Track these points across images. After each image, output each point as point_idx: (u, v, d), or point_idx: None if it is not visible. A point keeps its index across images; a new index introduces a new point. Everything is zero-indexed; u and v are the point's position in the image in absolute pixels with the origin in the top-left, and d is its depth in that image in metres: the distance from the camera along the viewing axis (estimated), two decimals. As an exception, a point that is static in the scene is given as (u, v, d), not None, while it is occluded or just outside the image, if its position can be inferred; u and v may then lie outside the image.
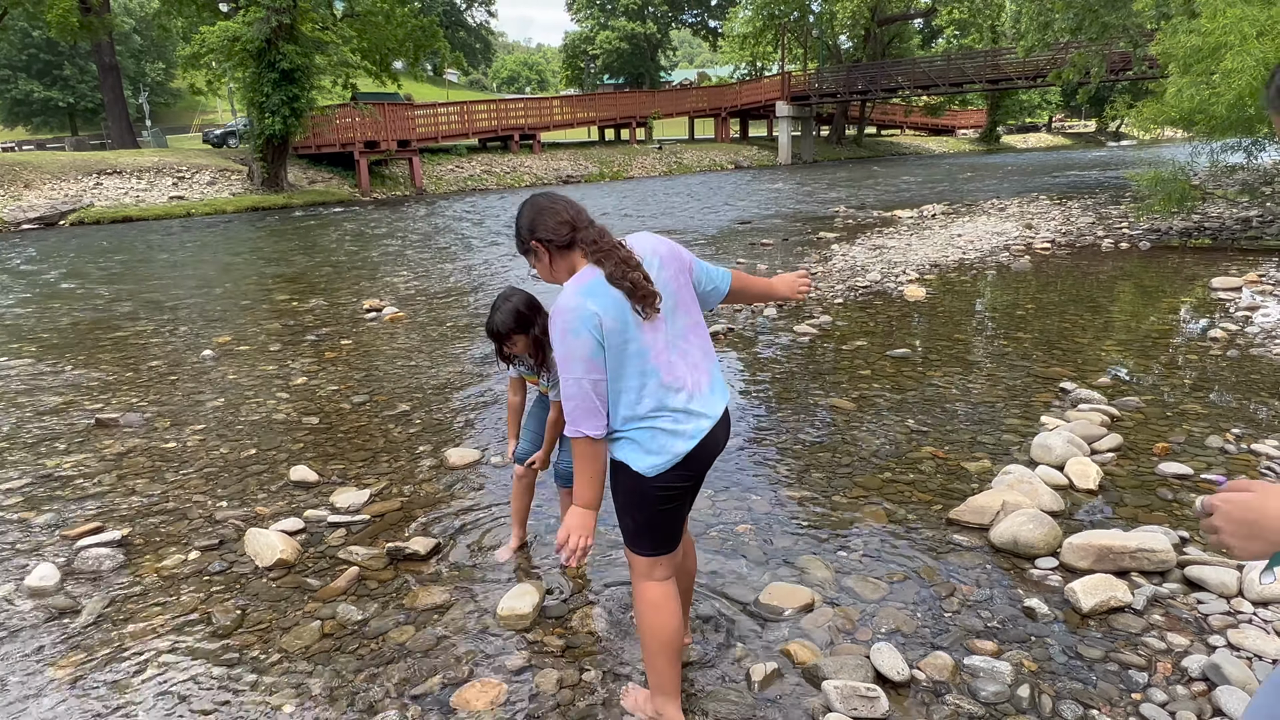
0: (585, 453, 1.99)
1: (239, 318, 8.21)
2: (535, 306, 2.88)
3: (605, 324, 1.92)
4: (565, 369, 1.95)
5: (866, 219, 14.94)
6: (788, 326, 6.94)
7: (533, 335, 2.85)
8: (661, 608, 2.14)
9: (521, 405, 3.13)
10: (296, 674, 2.55)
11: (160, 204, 20.59)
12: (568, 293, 1.97)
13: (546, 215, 2.04)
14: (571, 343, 1.93)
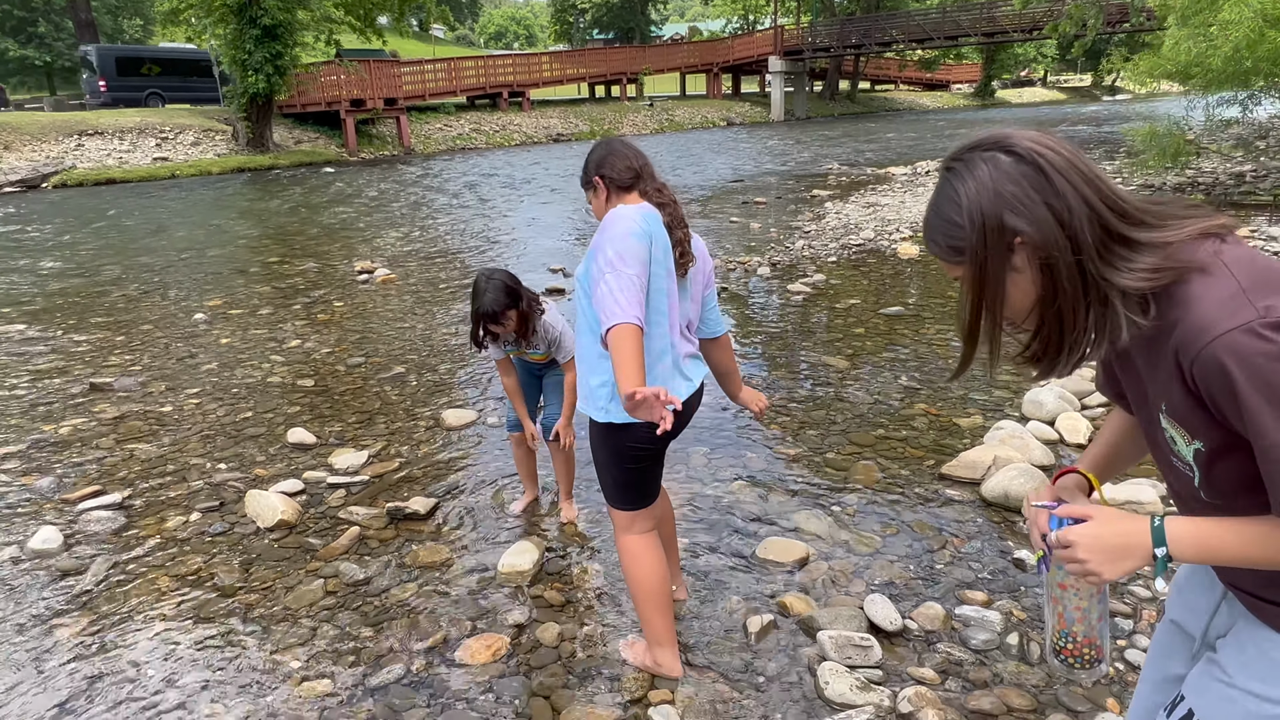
0: (630, 339, 1.84)
1: (229, 281, 8.16)
2: (517, 280, 2.89)
3: (655, 253, 2.04)
4: (621, 262, 1.92)
5: (860, 176, 14.85)
6: (781, 286, 6.94)
7: (521, 308, 2.85)
8: (642, 557, 2.23)
9: (517, 385, 3.13)
10: (301, 630, 2.59)
11: (144, 166, 20.25)
12: (628, 210, 2.06)
13: (616, 157, 2.16)
14: (632, 244, 1.98)
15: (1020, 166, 0.96)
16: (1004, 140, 0.98)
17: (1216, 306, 0.90)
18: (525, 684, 2.31)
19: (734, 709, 2.18)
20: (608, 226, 2.03)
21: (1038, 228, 0.95)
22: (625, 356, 1.84)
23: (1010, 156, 0.97)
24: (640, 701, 2.22)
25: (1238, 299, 0.89)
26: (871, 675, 2.26)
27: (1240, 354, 0.87)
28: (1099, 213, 0.95)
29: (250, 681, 2.36)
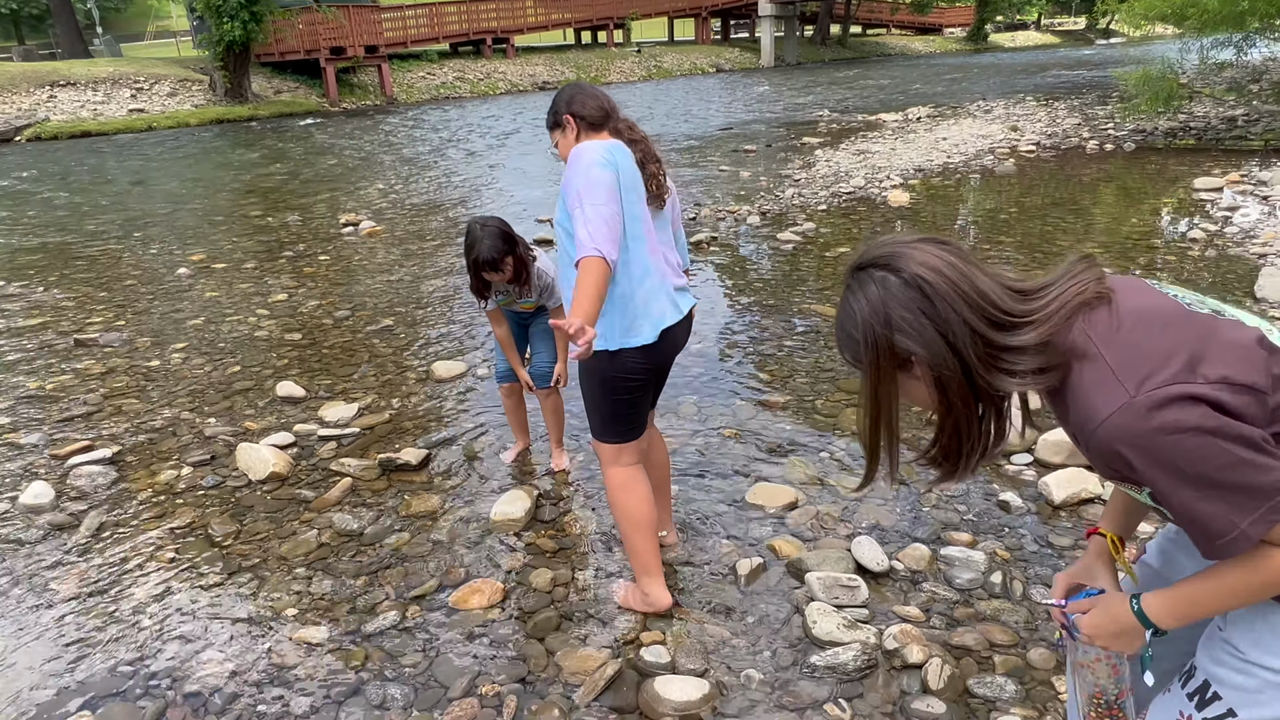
0: (596, 271, 1.87)
1: (212, 235, 8.04)
2: (510, 227, 2.86)
3: (623, 180, 2.06)
4: (589, 196, 1.96)
5: (851, 123, 14.66)
6: (771, 235, 6.90)
7: (519, 253, 2.83)
8: (629, 488, 2.27)
9: (509, 335, 3.11)
10: (296, 580, 2.62)
11: (120, 118, 19.77)
12: (593, 142, 2.10)
13: (586, 97, 2.21)
14: (597, 173, 2.00)
15: (907, 291, 1.01)
16: (893, 261, 1.03)
17: (1094, 394, 0.96)
18: (519, 628, 2.35)
19: (724, 648, 2.23)
20: (573, 162, 2.06)
21: (927, 349, 1.01)
22: (583, 288, 1.89)
23: (898, 279, 1.02)
24: (633, 643, 2.26)
25: (1110, 384, 0.95)
26: (858, 614, 2.31)
27: (1123, 438, 0.94)
28: (979, 331, 1.00)
29: (246, 630, 2.39)
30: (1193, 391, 0.92)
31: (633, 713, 2.03)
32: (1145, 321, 0.98)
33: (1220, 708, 1.06)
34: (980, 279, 1.01)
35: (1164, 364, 0.94)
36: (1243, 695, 1.04)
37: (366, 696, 2.11)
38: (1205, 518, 0.94)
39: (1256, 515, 0.92)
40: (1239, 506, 0.92)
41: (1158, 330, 0.98)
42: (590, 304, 1.88)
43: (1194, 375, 0.93)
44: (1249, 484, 0.91)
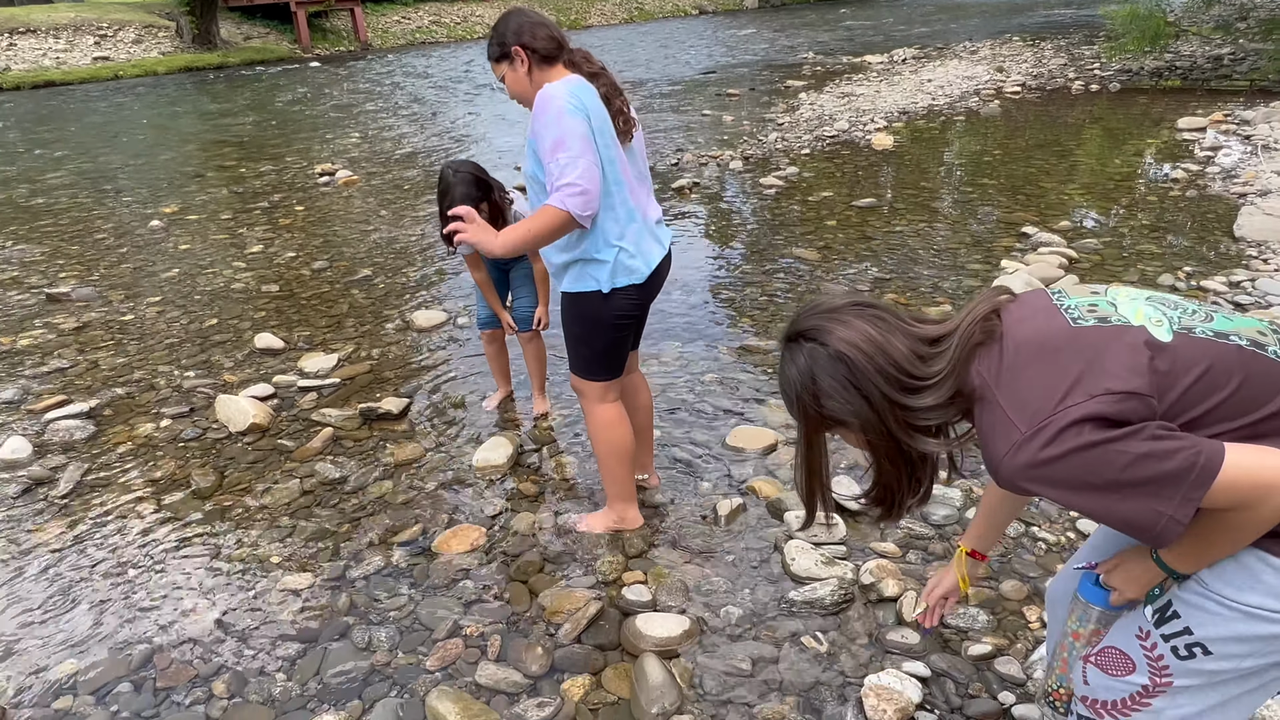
0: (552, 223, 1.91)
1: (185, 186, 7.86)
2: (485, 171, 2.81)
3: (594, 124, 1.98)
4: (562, 148, 1.90)
5: (835, 66, 14.41)
6: (754, 180, 6.83)
7: (493, 199, 2.78)
8: (618, 424, 2.32)
9: (488, 278, 3.08)
10: (280, 529, 2.63)
11: (84, 66, 19.13)
12: (557, 86, 1.98)
13: (536, 26, 2.07)
14: (568, 122, 1.92)
15: (833, 364, 1.10)
16: (819, 335, 1.12)
17: (993, 436, 1.04)
18: (502, 571, 2.38)
19: (704, 586, 2.27)
20: (539, 112, 1.95)
21: (854, 417, 1.12)
22: (530, 227, 1.92)
23: (824, 351, 1.11)
24: (615, 582, 2.30)
25: (1004, 424, 1.02)
26: (835, 551, 2.35)
27: (1024, 474, 1.01)
28: (894, 399, 1.09)
29: (231, 578, 2.41)
30: (1076, 416, 0.97)
31: (615, 649, 2.07)
32: (1030, 354, 1.04)
33: (1178, 625, 1.11)
34: (894, 346, 1.09)
35: (1049, 395, 0.99)
36: (1199, 615, 1.09)
37: (352, 640, 2.14)
38: (1130, 516, 0.99)
39: (1178, 499, 0.96)
40: (1157, 496, 0.96)
41: (1043, 360, 1.03)
42: (521, 240, 1.94)
43: (1077, 397, 0.98)
44: (1157, 474, 0.96)
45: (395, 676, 2.02)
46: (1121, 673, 1.18)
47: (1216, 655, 1.09)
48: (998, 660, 1.96)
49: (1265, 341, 1.06)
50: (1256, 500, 0.97)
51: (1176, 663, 1.12)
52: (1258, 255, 4.44)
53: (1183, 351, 1.02)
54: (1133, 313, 1.07)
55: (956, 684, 1.90)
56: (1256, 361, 1.03)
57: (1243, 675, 1.10)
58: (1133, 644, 1.16)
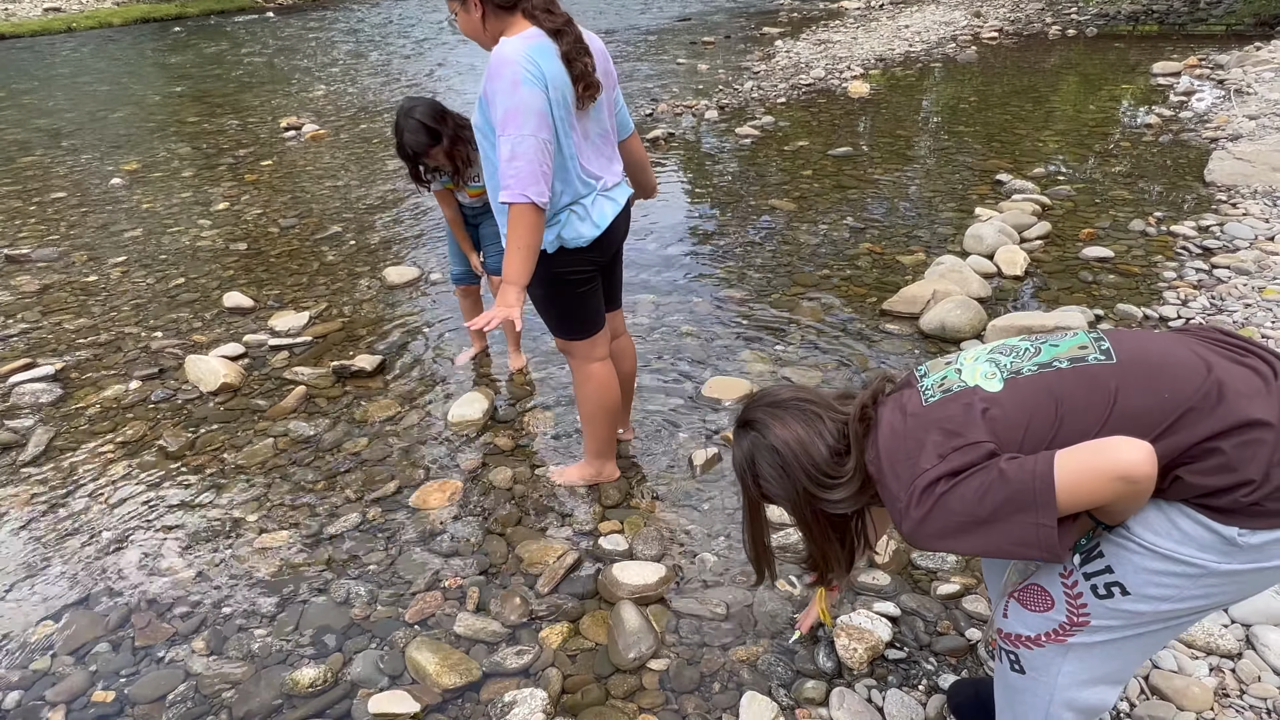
0: (525, 221, 1.86)
1: (145, 142, 7.63)
2: (441, 113, 2.74)
3: (552, 95, 1.87)
4: (514, 123, 1.80)
5: (812, 11, 14.17)
6: (729, 129, 6.74)
7: (444, 145, 2.72)
8: (609, 384, 2.30)
9: (459, 216, 3.04)
10: (255, 487, 2.62)
11: (34, 18, 18.36)
12: (514, 46, 1.84)
13: None
14: (524, 94, 1.80)
15: (769, 454, 1.31)
16: (761, 429, 1.32)
17: (893, 510, 1.18)
18: (480, 524, 2.39)
19: (679, 535, 2.30)
20: (493, 75, 1.83)
21: (784, 498, 1.33)
22: (514, 243, 1.88)
23: (764, 440, 1.31)
24: (591, 533, 2.32)
25: (892, 498, 1.17)
26: (809, 497, 2.38)
27: (915, 535, 1.14)
28: (814, 493, 1.29)
29: (207, 537, 2.40)
30: (931, 477, 1.11)
31: (592, 597, 2.10)
32: (897, 435, 1.19)
33: (1100, 564, 1.17)
34: (817, 448, 1.28)
35: (911, 465, 1.14)
36: (1121, 554, 1.15)
37: (331, 595, 2.15)
38: (1012, 540, 1.08)
39: (1036, 507, 1.05)
40: (1020, 512, 1.06)
41: (906, 437, 1.17)
42: (523, 261, 1.89)
43: (929, 461, 1.12)
44: (1005, 496, 1.06)
45: (375, 629, 2.03)
46: (1040, 609, 1.24)
47: (1134, 596, 1.15)
48: (965, 599, 2.01)
49: (1085, 354, 1.17)
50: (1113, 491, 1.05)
51: (1095, 601, 1.18)
52: (1227, 200, 4.47)
53: (1012, 396, 1.16)
54: (971, 375, 1.21)
55: (925, 622, 1.95)
56: (1077, 376, 1.14)
57: (1152, 619, 1.16)
58: (1054, 582, 1.22)
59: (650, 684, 1.85)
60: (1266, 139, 5.32)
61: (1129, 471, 1.03)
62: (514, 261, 1.90)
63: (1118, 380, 1.11)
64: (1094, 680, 1.24)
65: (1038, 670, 1.27)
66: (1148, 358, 1.14)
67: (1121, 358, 1.14)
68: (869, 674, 1.82)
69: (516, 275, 1.90)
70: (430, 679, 1.86)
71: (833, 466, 1.27)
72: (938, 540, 1.13)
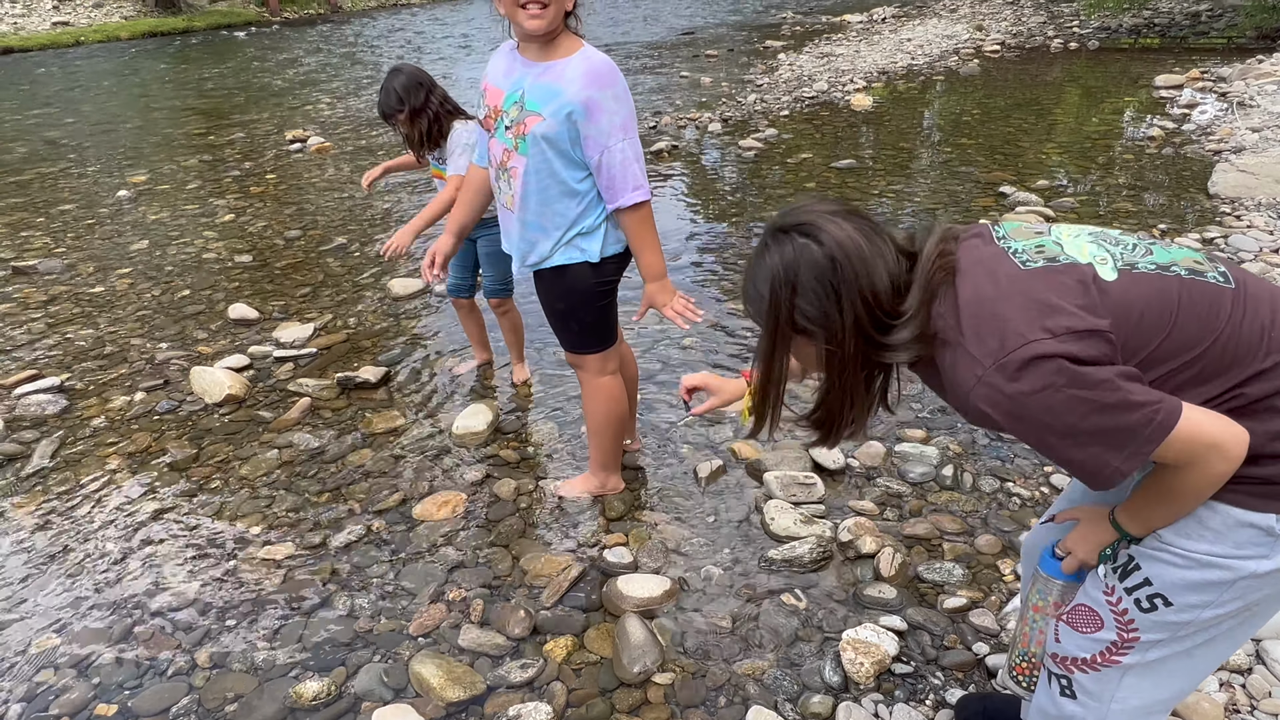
0: (648, 217, 2.03)
1: (153, 155, 7.67)
2: (417, 84, 2.76)
3: None
4: (632, 127, 1.95)
5: (815, 25, 14.24)
6: (733, 142, 6.77)
7: (404, 113, 2.74)
8: (619, 397, 2.31)
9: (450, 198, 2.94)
10: (260, 499, 2.62)
11: (44, 32, 18.52)
12: (605, 58, 1.96)
13: None
14: (629, 102, 1.96)
15: (821, 262, 1.04)
16: (813, 231, 1.06)
17: (956, 373, 1.03)
18: (484, 536, 2.39)
19: (685, 547, 2.29)
20: (608, 81, 1.90)
21: (824, 325, 1.06)
22: (651, 240, 2.04)
23: (817, 247, 1.05)
24: (596, 545, 2.31)
25: (965, 359, 1.01)
26: (814, 510, 2.37)
27: (988, 408, 1.00)
28: (864, 327, 1.06)
29: (211, 549, 2.40)
30: (1040, 351, 0.95)
31: (596, 610, 2.09)
32: (987, 296, 1.02)
33: (1139, 576, 1.14)
34: (879, 272, 1.05)
35: (1011, 333, 0.97)
36: (1157, 566, 1.12)
37: (335, 607, 2.14)
38: (1080, 463, 1.01)
39: (1127, 452, 0.98)
40: (1109, 448, 0.98)
41: (1000, 301, 1.01)
42: (661, 254, 2.08)
43: (1039, 333, 0.96)
44: (1115, 427, 0.96)
45: (378, 642, 2.03)
46: (1090, 629, 1.20)
47: (1177, 606, 1.11)
48: (973, 612, 2.00)
49: (1203, 270, 1.07)
50: (1200, 458, 0.99)
51: (1140, 615, 1.14)
52: (1231, 212, 4.47)
53: (1128, 289, 1.02)
54: (1076, 251, 1.06)
55: (932, 636, 1.94)
56: (1197, 289, 1.04)
57: (1203, 626, 1.12)
58: (1100, 600, 1.19)
59: (655, 698, 1.84)
60: (1270, 151, 5.33)
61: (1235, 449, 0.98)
62: (659, 258, 2.09)
63: (1233, 305, 1.03)
64: (1145, 709, 1.21)
65: (1091, 694, 1.22)
66: (1260, 292, 1.06)
67: (1238, 283, 1.05)
68: (875, 689, 1.81)
69: (663, 268, 2.09)
70: (434, 693, 1.85)
71: (893, 301, 1.06)
72: (1009, 419, 1.00)
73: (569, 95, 1.87)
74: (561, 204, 2.01)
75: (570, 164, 1.96)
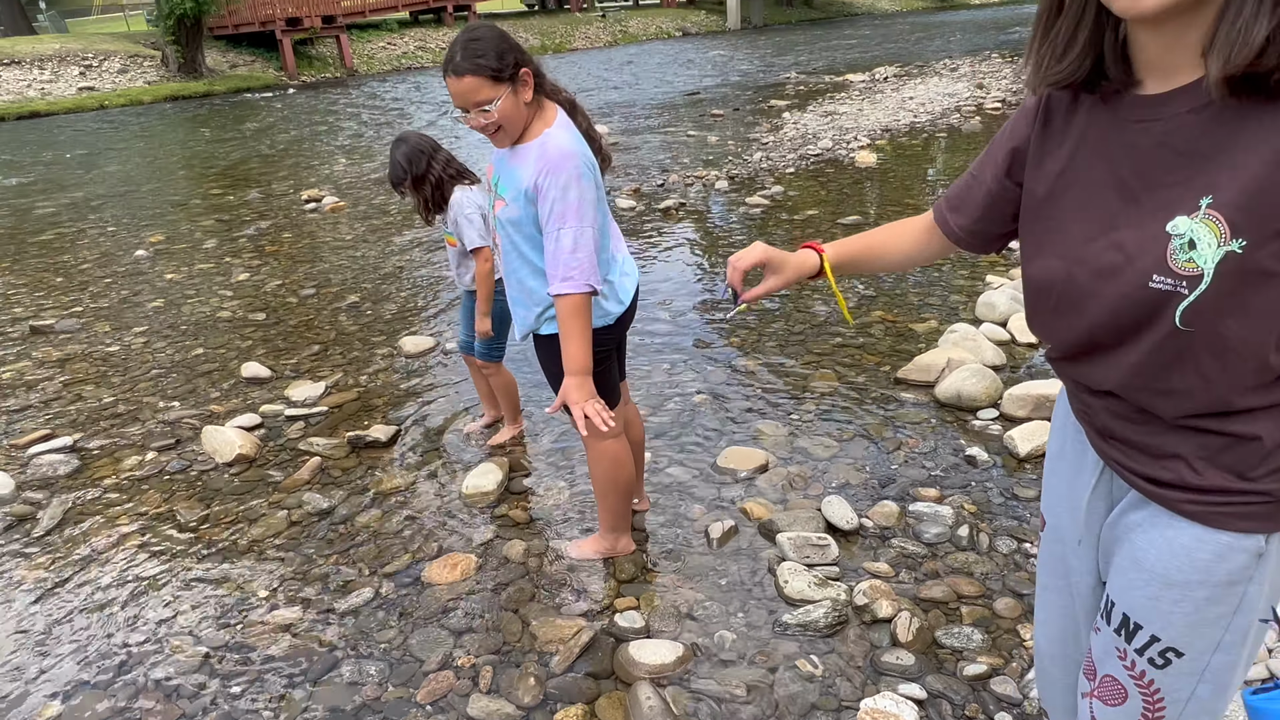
0: (585, 310, 1.91)
1: (170, 215, 7.84)
2: (422, 149, 2.81)
3: (596, 180, 1.95)
4: (578, 215, 1.86)
5: (818, 84, 14.57)
6: (739, 199, 6.87)
7: (412, 181, 2.81)
8: (624, 461, 2.29)
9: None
10: (268, 561, 2.60)
11: (69, 97, 19.13)
12: (567, 139, 1.89)
13: (521, 48, 1.91)
14: (585, 187, 1.87)
15: None
16: None
17: None
18: (493, 600, 2.35)
19: (698, 611, 2.25)
20: (555, 168, 1.85)
21: None
22: (578, 332, 1.90)
23: None
24: (607, 609, 2.28)
25: None
26: (829, 572, 2.33)
27: None
28: None
29: (218, 613, 2.37)
30: None
31: (608, 677, 2.05)
32: None
33: (1144, 635, 1.05)
34: None
35: None
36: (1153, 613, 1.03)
37: (342, 674, 2.11)
38: None
39: None
40: None
41: None
42: (587, 347, 1.92)
43: None
44: None
45: (386, 711, 1.98)
46: (1117, 701, 1.10)
47: (1189, 656, 1.02)
48: (993, 680, 1.95)
49: None
50: None
51: (1158, 674, 1.05)
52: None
53: None
54: None
55: (952, 705, 1.89)
56: None
57: (1215, 673, 1.02)
58: (1119, 669, 1.10)
59: (669, 771, 1.78)
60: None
61: None
62: (582, 352, 1.92)
63: None
64: None
65: None
66: None
67: None
68: (896, 761, 1.75)
69: (586, 365, 1.94)
70: (442, 765, 1.80)
71: None
72: None
73: (524, 180, 1.91)
74: (533, 282, 2.05)
75: (535, 246, 1.98)
